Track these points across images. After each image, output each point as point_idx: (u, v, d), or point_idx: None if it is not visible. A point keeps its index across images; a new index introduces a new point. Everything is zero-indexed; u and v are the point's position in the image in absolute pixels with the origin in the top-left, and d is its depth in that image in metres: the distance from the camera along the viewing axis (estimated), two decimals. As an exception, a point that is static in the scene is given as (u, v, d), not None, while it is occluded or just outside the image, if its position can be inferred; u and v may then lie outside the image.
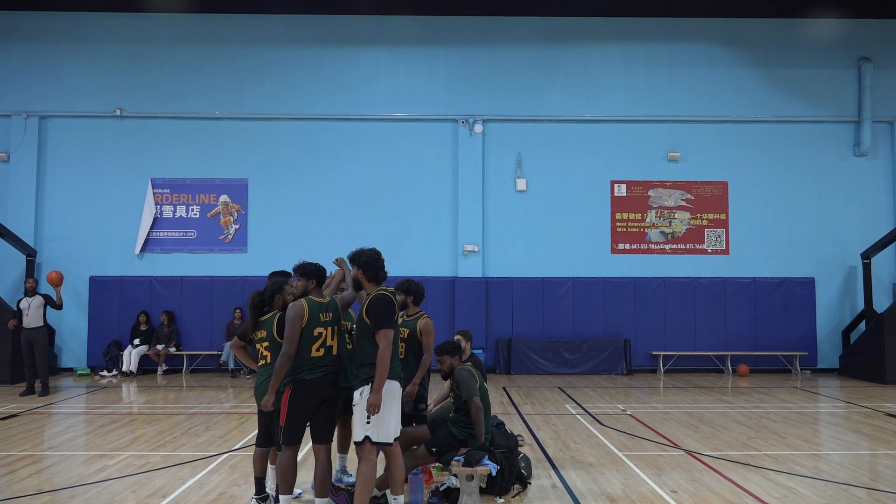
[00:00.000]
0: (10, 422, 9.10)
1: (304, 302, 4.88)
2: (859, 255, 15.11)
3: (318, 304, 4.92)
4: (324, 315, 4.91)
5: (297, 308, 4.82)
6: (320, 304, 4.94)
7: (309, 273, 5.01)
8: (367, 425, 4.68)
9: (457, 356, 5.83)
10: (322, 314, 4.90)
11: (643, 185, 15.67)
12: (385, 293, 4.81)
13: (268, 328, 5.17)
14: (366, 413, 4.66)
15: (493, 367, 14.85)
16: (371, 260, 4.93)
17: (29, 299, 11.59)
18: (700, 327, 15.25)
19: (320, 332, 4.87)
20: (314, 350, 4.84)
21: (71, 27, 15.50)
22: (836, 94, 15.79)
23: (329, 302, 4.99)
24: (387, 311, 4.71)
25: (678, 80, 15.75)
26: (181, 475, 6.35)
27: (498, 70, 15.70)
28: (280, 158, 15.51)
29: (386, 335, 4.67)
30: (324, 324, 4.90)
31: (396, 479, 4.89)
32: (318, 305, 4.91)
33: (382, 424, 4.71)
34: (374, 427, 4.68)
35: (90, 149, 15.38)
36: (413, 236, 15.38)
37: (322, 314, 4.90)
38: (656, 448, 7.60)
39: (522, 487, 5.87)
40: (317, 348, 4.85)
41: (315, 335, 4.84)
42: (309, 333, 4.83)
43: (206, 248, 15.32)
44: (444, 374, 5.87)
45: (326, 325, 4.91)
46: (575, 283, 15.31)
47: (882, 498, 5.73)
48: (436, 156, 15.57)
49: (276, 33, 15.64)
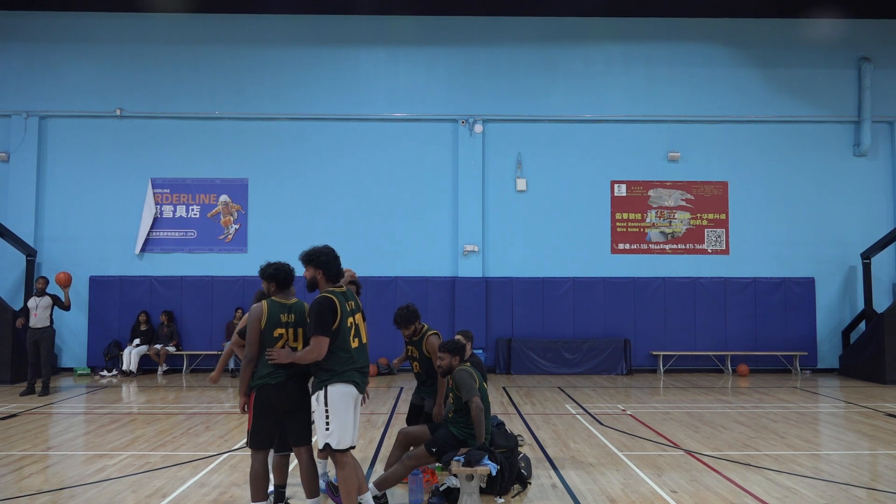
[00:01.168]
0: (10, 422, 9.10)
1: (265, 304, 4.81)
2: (859, 255, 15.11)
3: (280, 305, 4.84)
4: (285, 316, 4.80)
5: (256, 310, 4.78)
6: (282, 305, 4.85)
7: (270, 275, 4.94)
8: (326, 432, 4.61)
9: (458, 356, 5.83)
10: (284, 315, 4.80)
11: (643, 185, 15.67)
12: (329, 296, 4.66)
13: None
14: (325, 419, 4.60)
15: (493, 367, 14.86)
16: (331, 259, 4.81)
17: (37, 299, 11.61)
18: (700, 327, 15.25)
19: (281, 334, 4.77)
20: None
21: (71, 27, 15.50)
22: (836, 94, 15.79)
23: (294, 304, 4.89)
24: (324, 315, 4.59)
25: (678, 80, 15.75)
26: (181, 475, 6.35)
27: (498, 70, 15.70)
28: (280, 158, 15.51)
29: (318, 342, 4.54)
30: (285, 325, 4.79)
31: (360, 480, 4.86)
32: (279, 307, 4.82)
33: (343, 432, 4.62)
34: (335, 435, 4.60)
35: (90, 149, 15.38)
36: (413, 236, 15.39)
37: (284, 315, 4.80)
38: (656, 448, 7.60)
39: (522, 487, 5.87)
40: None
41: (276, 336, 4.75)
42: (269, 335, 4.74)
43: (206, 248, 15.32)
44: (442, 371, 5.86)
45: (288, 327, 4.80)
46: (575, 283, 15.31)
47: (882, 498, 5.73)
48: (436, 156, 15.57)
49: (276, 33, 15.64)
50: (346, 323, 4.68)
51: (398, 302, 15.01)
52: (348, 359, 4.67)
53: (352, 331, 4.74)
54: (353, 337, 4.74)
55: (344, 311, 4.68)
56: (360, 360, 4.77)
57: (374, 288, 15.09)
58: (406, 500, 5.61)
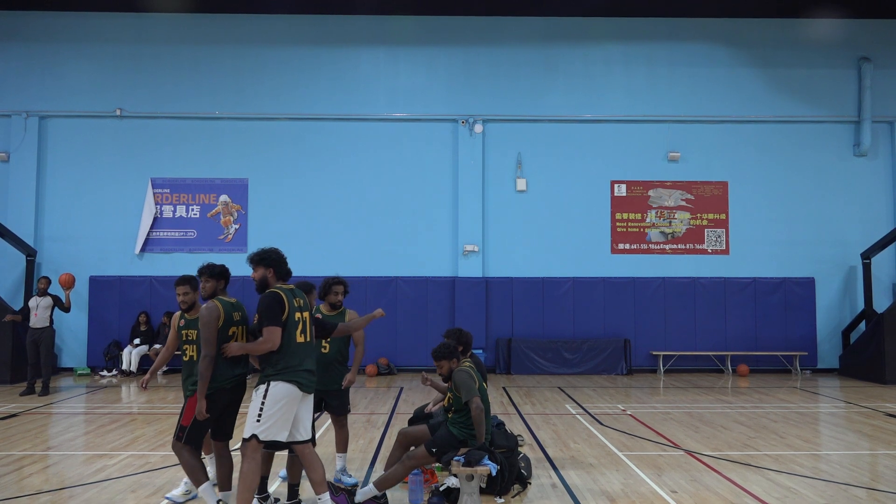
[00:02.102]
0: (10, 422, 9.10)
1: (218, 303, 4.90)
2: (859, 255, 15.11)
3: (229, 304, 4.99)
4: (236, 315, 4.99)
5: (213, 309, 4.86)
6: (231, 304, 5.01)
7: (218, 274, 5.09)
8: (256, 423, 4.67)
9: (454, 359, 5.81)
10: (235, 314, 4.98)
11: (643, 185, 15.67)
12: (276, 291, 4.81)
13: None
14: (258, 411, 4.66)
15: (493, 367, 14.86)
16: (280, 259, 4.98)
17: (38, 299, 11.61)
18: (700, 327, 15.25)
19: (234, 332, 4.93)
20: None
21: (71, 27, 15.51)
22: (836, 94, 15.79)
23: (237, 302, 5.08)
24: (274, 308, 4.71)
25: (678, 80, 15.75)
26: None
27: (498, 70, 15.70)
28: (280, 158, 15.51)
29: (270, 332, 4.67)
30: (236, 323, 4.98)
31: (314, 480, 4.86)
32: (230, 306, 4.98)
33: (271, 425, 4.67)
34: (263, 426, 4.65)
35: (90, 149, 15.38)
36: (413, 236, 15.38)
37: (235, 314, 4.98)
38: (656, 448, 7.60)
39: (522, 487, 5.87)
40: None
41: (230, 335, 4.90)
42: (224, 334, 4.87)
43: (206, 248, 15.31)
44: (444, 378, 5.86)
45: (238, 325, 4.99)
46: (575, 283, 15.31)
47: (882, 498, 5.73)
48: (436, 156, 15.57)
49: (276, 33, 15.64)
50: (293, 317, 4.80)
51: (398, 302, 15.04)
52: (293, 354, 4.77)
53: (299, 326, 4.85)
54: (299, 332, 4.85)
55: (291, 306, 4.81)
56: (305, 357, 4.86)
57: (374, 288, 15.10)
58: (406, 500, 5.61)
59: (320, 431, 8.43)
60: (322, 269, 15.15)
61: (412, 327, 15.01)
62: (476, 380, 5.67)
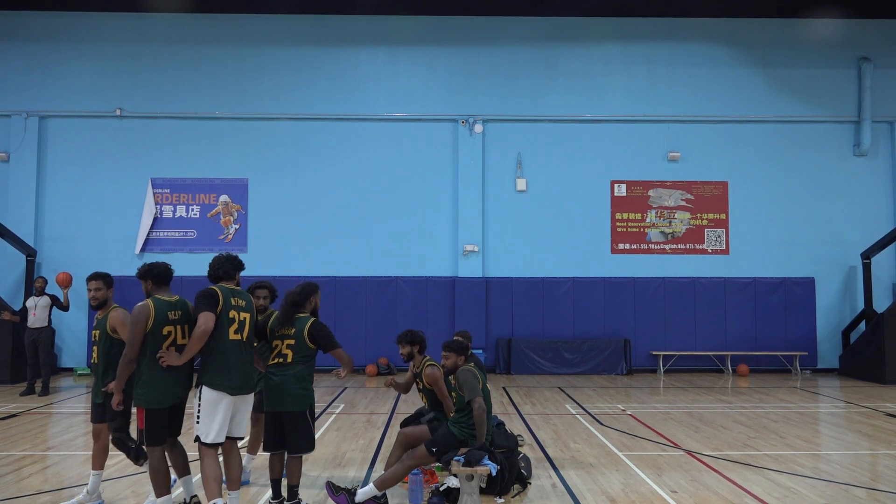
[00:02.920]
0: (10, 422, 9.10)
1: (150, 302, 4.86)
2: (859, 255, 15.11)
3: (165, 303, 4.91)
4: (172, 314, 4.91)
5: (143, 309, 4.80)
6: (168, 302, 4.93)
7: (144, 273, 5.06)
8: (197, 424, 4.83)
9: (462, 356, 5.85)
10: (171, 313, 4.90)
11: (643, 185, 15.67)
12: (212, 287, 4.92)
13: (298, 328, 5.16)
14: (197, 412, 4.81)
15: (493, 367, 14.85)
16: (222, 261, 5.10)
17: (36, 299, 11.60)
18: (700, 327, 15.25)
19: (170, 331, 4.87)
20: (164, 349, 4.83)
21: (71, 27, 15.51)
22: (836, 94, 15.79)
23: (177, 300, 5.00)
24: (207, 299, 4.80)
25: (678, 80, 15.75)
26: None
27: (498, 70, 15.70)
28: (280, 158, 15.51)
29: (205, 316, 4.71)
30: (173, 322, 4.90)
31: (230, 476, 4.97)
32: (165, 304, 4.90)
33: (208, 428, 4.79)
34: (202, 429, 4.81)
35: (90, 149, 15.38)
36: (413, 236, 15.39)
37: (171, 313, 4.90)
38: (656, 448, 7.60)
39: (522, 487, 5.87)
40: (167, 347, 4.84)
41: (165, 334, 4.84)
42: (158, 333, 4.81)
43: (206, 248, 15.32)
44: (447, 370, 5.88)
45: (176, 324, 4.91)
46: (575, 283, 15.31)
47: (882, 498, 5.73)
48: (436, 156, 15.57)
49: (276, 33, 15.64)
50: (227, 314, 4.85)
51: (398, 302, 15.04)
52: (222, 353, 4.81)
53: (233, 324, 4.88)
54: (234, 331, 4.88)
55: (227, 302, 4.87)
56: (238, 356, 4.88)
57: (374, 288, 15.10)
58: (406, 500, 5.61)
59: (320, 432, 8.43)
60: (322, 269, 15.18)
61: (412, 327, 14.94)
62: (479, 380, 5.69)
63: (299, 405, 5.09)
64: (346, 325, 14.86)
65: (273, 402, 5.10)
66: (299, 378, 5.09)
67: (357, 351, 14.74)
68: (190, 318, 4.97)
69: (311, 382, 5.23)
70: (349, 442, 7.88)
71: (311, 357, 5.21)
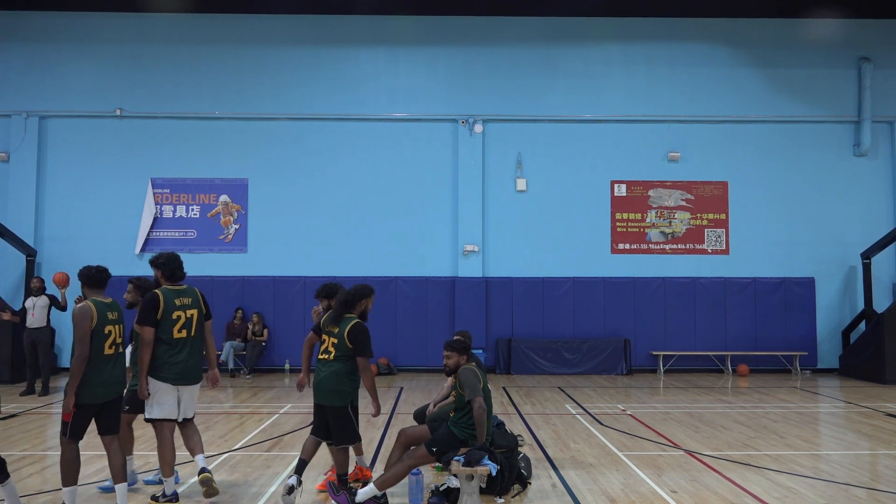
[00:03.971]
0: (10, 422, 9.11)
1: (91, 303, 5.18)
2: (859, 255, 15.11)
3: (103, 304, 5.26)
4: (111, 314, 5.27)
5: (86, 309, 5.12)
6: (105, 304, 5.28)
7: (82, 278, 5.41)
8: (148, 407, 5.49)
9: (464, 355, 5.86)
10: (109, 313, 5.26)
11: (643, 185, 15.67)
12: (155, 292, 5.49)
13: (342, 328, 5.49)
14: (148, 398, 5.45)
15: (493, 367, 14.86)
16: (169, 261, 5.71)
17: (35, 299, 11.60)
18: (700, 327, 15.25)
19: (110, 331, 5.23)
20: (107, 347, 5.17)
21: (71, 27, 15.50)
22: (836, 94, 15.78)
23: (112, 302, 5.35)
24: (146, 308, 5.43)
25: (678, 80, 15.75)
26: (181, 475, 6.34)
27: (498, 70, 15.70)
28: (280, 158, 15.51)
29: (141, 330, 5.41)
30: (111, 322, 5.25)
31: (164, 460, 5.46)
32: (104, 305, 5.25)
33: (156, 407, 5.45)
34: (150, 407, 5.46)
35: (90, 149, 15.38)
36: (413, 236, 15.39)
37: (109, 313, 5.26)
38: (656, 448, 7.60)
39: (522, 487, 5.87)
40: (109, 345, 5.19)
41: (105, 333, 5.18)
42: (100, 332, 5.14)
43: (206, 248, 15.32)
44: (448, 370, 5.89)
45: (114, 324, 5.28)
46: (575, 283, 15.31)
47: (882, 498, 5.73)
48: (436, 156, 15.57)
49: (276, 33, 15.64)
50: (170, 315, 5.42)
51: (398, 302, 15.04)
52: (168, 349, 5.41)
53: (178, 323, 5.46)
54: (178, 329, 5.46)
55: (169, 305, 5.44)
56: (182, 351, 5.48)
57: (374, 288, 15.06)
58: (406, 500, 5.61)
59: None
60: (322, 269, 15.18)
61: (412, 327, 15.01)
62: (481, 380, 5.69)
63: (339, 401, 5.47)
64: (346, 325, 14.86)
65: (317, 395, 5.55)
66: (339, 375, 5.44)
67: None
68: (123, 321, 5.43)
69: (355, 380, 5.53)
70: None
71: (351, 357, 5.49)
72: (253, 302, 15.01)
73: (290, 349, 14.89)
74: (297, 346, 14.89)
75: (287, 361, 14.89)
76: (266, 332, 14.80)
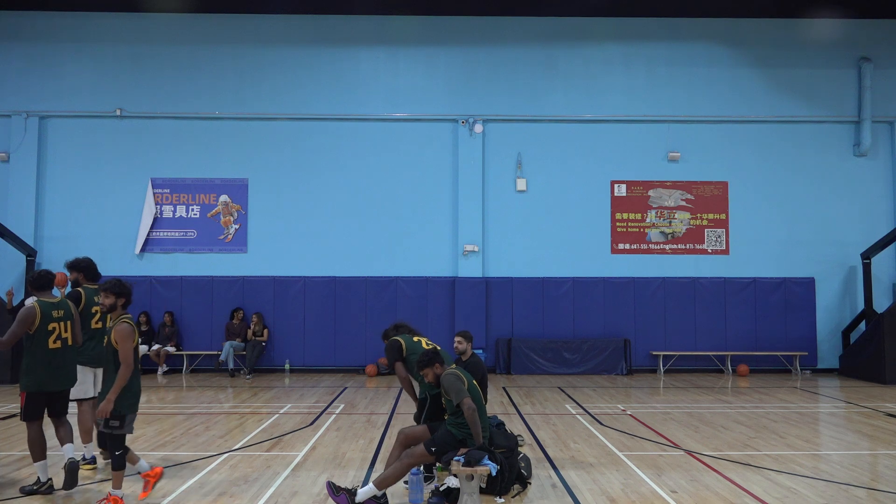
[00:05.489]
0: (10, 422, 9.10)
1: (36, 304, 5.81)
2: (859, 255, 15.11)
3: (49, 303, 5.87)
4: (56, 312, 5.87)
5: (29, 310, 5.75)
6: (51, 303, 5.89)
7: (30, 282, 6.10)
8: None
9: (437, 364, 5.78)
10: (55, 311, 5.86)
11: (643, 185, 15.67)
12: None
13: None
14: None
15: (493, 367, 14.85)
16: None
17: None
18: (700, 327, 15.25)
19: (54, 327, 5.83)
20: (51, 343, 5.80)
21: (71, 27, 15.50)
22: (836, 94, 15.78)
23: (60, 301, 5.98)
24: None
25: (678, 80, 15.75)
26: (181, 475, 6.34)
27: (498, 70, 15.70)
28: (280, 158, 15.51)
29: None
30: (56, 319, 5.85)
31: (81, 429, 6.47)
32: (49, 305, 5.86)
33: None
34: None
35: (90, 149, 15.38)
36: (413, 236, 15.38)
37: (55, 311, 5.86)
38: (656, 448, 7.60)
39: (522, 487, 5.87)
40: (53, 340, 5.81)
41: (49, 329, 5.80)
42: (44, 328, 5.76)
43: (206, 248, 15.32)
44: (432, 384, 5.85)
45: (59, 321, 5.88)
46: (575, 283, 15.31)
47: (882, 498, 5.73)
48: (436, 156, 15.57)
49: (276, 33, 15.64)
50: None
51: (398, 302, 15.04)
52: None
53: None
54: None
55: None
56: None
57: (374, 288, 15.10)
58: (406, 499, 5.61)
59: (320, 432, 8.43)
60: (322, 269, 15.19)
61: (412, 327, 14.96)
62: (465, 380, 5.63)
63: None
64: (346, 326, 14.88)
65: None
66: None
67: (357, 351, 14.78)
68: (71, 317, 6.01)
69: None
70: (349, 442, 7.88)
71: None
72: (253, 302, 15.01)
73: (290, 349, 14.90)
74: (296, 347, 14.92)
75: (287, 361, 14.89)
76: (266, 333, 14.79)
